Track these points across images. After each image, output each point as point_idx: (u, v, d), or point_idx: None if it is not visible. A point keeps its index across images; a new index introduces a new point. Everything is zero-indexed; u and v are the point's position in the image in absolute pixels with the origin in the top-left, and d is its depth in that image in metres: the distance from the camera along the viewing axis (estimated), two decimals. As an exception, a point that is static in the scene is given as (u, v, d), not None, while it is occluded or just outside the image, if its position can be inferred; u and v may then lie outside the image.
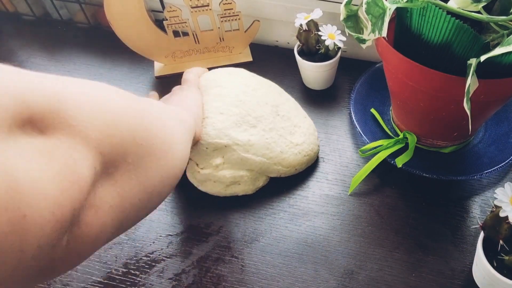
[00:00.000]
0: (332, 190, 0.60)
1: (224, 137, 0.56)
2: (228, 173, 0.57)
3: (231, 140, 0.56)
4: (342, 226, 0.57)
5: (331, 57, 0.67)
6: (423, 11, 0.43)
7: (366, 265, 0.53)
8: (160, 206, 0.59)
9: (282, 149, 0.58)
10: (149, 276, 0.53)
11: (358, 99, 0.67)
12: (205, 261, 0.54)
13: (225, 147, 0.56)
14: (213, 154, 0.57)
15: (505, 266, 0.45)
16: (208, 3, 0.68)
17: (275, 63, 0.77)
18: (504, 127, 0.63)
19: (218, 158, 0.57)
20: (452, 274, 0.52)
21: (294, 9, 0.72)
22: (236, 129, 0.56)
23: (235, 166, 0.57)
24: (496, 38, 0.44)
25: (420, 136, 0.60)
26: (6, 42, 0.83)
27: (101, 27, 0.85)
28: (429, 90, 0.48)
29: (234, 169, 0.57)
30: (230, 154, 0.56)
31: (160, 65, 0.77)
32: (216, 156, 0.57)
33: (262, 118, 0.58)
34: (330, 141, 0.66)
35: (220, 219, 0.58)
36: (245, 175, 0.57)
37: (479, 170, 0.58)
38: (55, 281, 0.53)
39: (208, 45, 0.75)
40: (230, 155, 0.56)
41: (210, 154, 0.57)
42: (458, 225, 0.56)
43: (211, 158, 0.57)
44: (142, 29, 0.70)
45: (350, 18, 0.52)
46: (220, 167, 0.57)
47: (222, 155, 0.56)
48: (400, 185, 0.60)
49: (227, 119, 0.57)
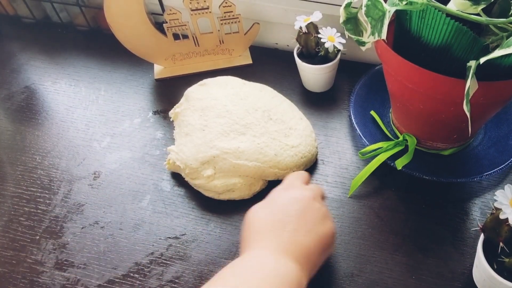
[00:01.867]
0: (331, 192, 0.60)
1: (210, 149, 0.57)
2: (220, 183, 0.57)
3: (219, 150, 0.57)
4: (342, 228, 0.57)
5: (331, 59, 0.67)
6: (422, 14, 0.43)
7: (366, 268, 0.53)
8: (159, 209, 0.59)
9: (277, 152, 0.58)
10: (148, 279, 0.53)
11: (358, 101, 0.67)
12: (205, 264, 0.54)
13: (214, 158, 0.57)
14: (203, 167, 0.57)
15: (505, 268, 0.44)
16: (208, 6, 0.68)
17: (275, 65, 0.77)
18: (504, 129, 0.63)
19: (209, 169, 0.57)
20: (452, 277, 0.52)
21: (293, 11, 0.73)
22: (222, 138, 0.58)
23: (228, 173, 0.57)
24: (495, 40, 0.44)
25: (420, 138, 0.60)
26: (6, 45, 0.83)
27: (101, 30, 0.85)
28: (428, 93, 0.48)
29: (226, 177, 0.57)
30: (222, 163, 0.57)
31: (160, 67, 0.77)
32: (207, 168, 0.57)
33: (252, 124, 0.59)
34: (329, 144, 0.66)
35: (220, 222, 0.58)
36: (238, 182, 0.58)
37: (479, 172, 0.58)
38: (54, 283, 0.53)
39: (208, 48, 0.75)
40: (222, 164, 0.57)
41: (200, 167, 0.57)
42: (458, 227, 0.56)
43: (202, 170, 0.57)
44: (142, 32, 0.70)
45: (349, 21, 0.52)
46: (211, 177, 0.57)
47: (213, 165, 0.57)
48: (400, 187, 0.60)
49: (209, 133, 0.58)
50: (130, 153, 0.66)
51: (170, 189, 0.62)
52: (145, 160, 0.65)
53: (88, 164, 0.65)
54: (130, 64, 0.78)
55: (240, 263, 0.39)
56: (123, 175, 0.63)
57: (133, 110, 0.72)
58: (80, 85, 0.76)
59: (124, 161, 0.65)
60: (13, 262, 0.56)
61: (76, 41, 0.84)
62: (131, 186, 0.62)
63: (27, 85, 0.76)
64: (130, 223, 0.58)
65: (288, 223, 0.42)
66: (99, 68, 0.79)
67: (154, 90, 0.75)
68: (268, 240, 0.41)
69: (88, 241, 0.57)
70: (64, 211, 0.60)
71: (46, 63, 0.80)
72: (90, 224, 0.59)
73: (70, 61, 0.80)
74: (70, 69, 0.79)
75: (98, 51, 0.81)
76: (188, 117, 0.61)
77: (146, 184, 0.62)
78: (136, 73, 0.77)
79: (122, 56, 0.77)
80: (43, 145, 0.68)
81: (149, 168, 0.64)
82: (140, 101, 0.73)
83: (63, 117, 0.72)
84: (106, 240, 0.57)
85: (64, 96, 0.75)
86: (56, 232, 0.58)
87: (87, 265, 0.55)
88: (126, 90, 0.75)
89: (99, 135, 0.69)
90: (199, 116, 0.60)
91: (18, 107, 0.73)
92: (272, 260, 0.39)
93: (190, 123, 0.60)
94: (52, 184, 0.63)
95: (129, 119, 0.70)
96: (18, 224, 0.59)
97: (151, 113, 0.71)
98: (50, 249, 0.56)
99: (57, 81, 0.77)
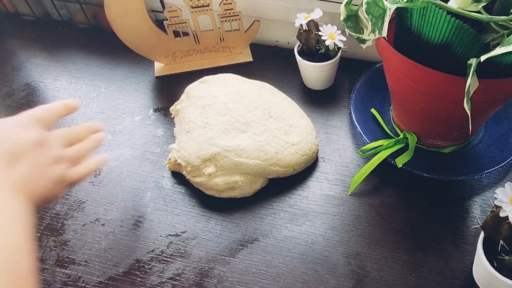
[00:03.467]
0: (332, 190, 0.60)
1: (211, 147, 0.57)
2: (221, 181, 0.57)
3: (220, 147, 0.57)
4: (342, 226, 0.57)
5: (331, 57, 0.67)
6: (423, 11, 0.43)
7: (366, 265, 0.53)
8: (160, 207, 0.59)
9: (277, 149, 0.58)
10: (149, 276, 0.53)
11: (358, 99, 0.67)
12: (205, 261, 0.54)
13: (215, 156, 0.57)
14: (204, 164, 0.57)
15: (505, 266, 0.45)
16: (208, 3, 0.68)
17: (275, 63, 0.77)
18: (504, 127, 0.63)
19: (211, 167, 0.57)
20: (452, 274, 0.52)
21: (294, 9, 0.73)
22: (224, 136, 0.58)
23: (229, 171, 0.57)
24: (496, 38, 0.44)
25: (420, 136, 0.60)
26: (7, 42, 0.83)
27: (101, 27, 0.85)
28: (429, 90, 0.48)
29: (228, 175, 0.57)
30: (223, 161, 0.57)
31: (160, 65, 0.77)
32: (209, 165, 0.57)
33: (253, 122, 0.59)
34: (330, 141, 0.66)
35: (221, 219, 0.58)
36: (240, 180, 0.58)
37: (479, 170, 0.58)
38: (55, 280, 0.53)
39: (208, 45, 0.75)
40: (223, 161, 0.57)
41: (202, 164, 0.57)
42: (458, 225, 0.56)
43: (204, 168, 0.57)
44: (142, 29, 0.70)
45: (350, 18, 0.52)
46: (212, 175, 0.57)
47: (214, 163, 0.57)
48: (400, 185, 0.60)
49: (211, 130, 0.58)
50: (130, 150, 0.66)
51: (171, 186, 0.62)
52: (146, 157, 0.65)
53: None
54: (131, 61, 0.78)
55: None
56: (123, 172, 0.63)
57: (134, 107, 0.72)
58: (81, 83, 0.76)
59: (125, 159, 0.65)
60: (14, 259, 0.56)
61: (76, 38, 0.84)
62: (131, 184, 0.62)
63: (28, 83, 0.76)
64: (131, 221, 0.58)
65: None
66: (100, 65, 0.79)
67: (155, 88, 0.75)
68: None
69: (89, 238, 0.57)
70: (65, 208, 0.60)
71: (46, 61, 0.80)
72: (91, 221, 0.59)
73: (71, 59, 0.80)
74: (71, 67, 0.79)
75: (99, 49, 0.81)
76: (189, 114, 0.61)
77: (147, 182, 0.62)
78: (136, 70, 0.77)
79: (123, 53, 0.77)
80: (43, 143, 0.68)
81: (149, 166, 0.64)
82: (141, 98, 0.73)
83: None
84: (107, 237, 0.57)
85: (65, 94, 0.75)
86: (57, 229, 0.58)
87: (88, 262, 0.55)
88: (127, 88, 0.75)
89: (99, 133, 0.69)
90: (200, 113, 0.60)
91: (18, 104, 0.73)
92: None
93: (191, 120, 0.60)
94: (53, 182, 0.63)
95: (129, 116, 0.71)
96: (19, 221, 0.59)
97: (152, 110, 0.71)
98: (51, 246, 0.57)
99: (57, 78, 0.77)
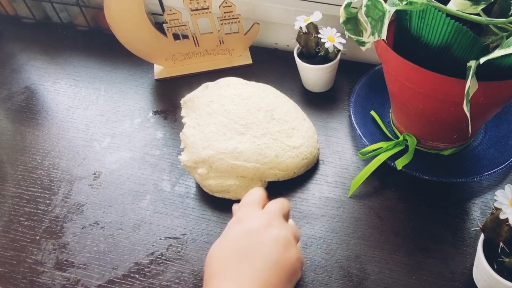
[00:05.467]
0: (332, 192, 0.60)
1: (202, 150, 0.57)
2: (214, 183, 0.57)
3: (214, 150, 0.56)
4: (342, 228, 0.57)
5: (331, 59, 0.67)
6: (422, 14, 0.43)
7: (366, 268, 0.53)
8: (159, 209, 0.59)
9: (277, 153, 0.58)
10: (148, 279, 0.53)
11: (358, 101, 0.67)
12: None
13: (209, 158, 0.56)
14: (197, 165, 0.57)
15: (505, 268, 0.44)
16: (208, 6, 0.68)
17: (275, 65, 0.77)
18: (504, 129, 0.63)
19: (203, 168, 0.57)
20: (452, 277, 0.52)
21: (293, 11, 0.73)
22: (218, 138, 0.57)
23: (225, 174, 0.57)
24: (495, 40, 0.44)
25: (420, 138, 0.60)
26: (6, 45, 0.83)
27: (101, 30, 0.85)
28: (428, 92, 0.48)
29: (222, 178, 0.57)
30: (218, 163, 0.56)
31: (160, 68, 0.77)
32: (201, 166, 0.57)
33: (253, 124, 0.58)
34: (330, 144, 0.66)
35: (221, 222, 0.58)
36: (234, 183, 0.57)
37: (479, 172, 0.58)
38: (54, 283, 0.53)
39: (208, 48, 0.75)
40: (218, 164, 0.56)
41: (193, 166, 0.58)
42: (458, 227, 0.56)
43: (196, 168, 0.58)
44: (142, 32, 0.70)
45: (349, 21, 0.52)
46: (204, 176, 0.57)
47: (208, 165, 0.57)
48: (400, 187, 0.60)
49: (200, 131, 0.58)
50: (130, 153, 0.66)
51: (170, 189, 0.62)
52: (145, 160, 0.65)
53: (88, 164, 0.65)
54: (130, 64, 0.78)
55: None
56: (123, 175, 0.63)
57: (133, 110, 0.72)
58: (80, 85, 0.76)
59: (124, 161, 0.65)
60: (13, 262, 0.56)
61: (76, 41, 0.84)
62: (131, 186, 0.62)
63: (27, 85, 0.76)
64: (130, 223, 0.58)
65: (244, 259, 0.39)
66: (99, 68, 0.79)
67: (154, 90, 0.75)
68: (225, 280, 0.39)
69: (88, 241, 0.57)
70: (64, 211, 0.60)
71: (46, 63, 0.80)
72: (90, 224, 0.59)
73: (70, 61, 0.80)
74: (70, 69, 0.79)
75: (98, 51, 0.81)
76: (189, 116, 0.62)
77: (146, 184, 0.62)
78: (136, 73, 0.77)
79: (122, 56, 0.77)
80: (43, 145, 0.68)
81: (149, 168, 0.64)
82: (140, 101, 0.73)
83: (63, 117, 0.72)
84: (106, 240, 0.57)
85: (64, 96, 0.75)
86: (56, 232, 0.58)
87: (87, 265, 0.55)
88: (126, 90, 0.75)
89: (99, 135, 0.69)
90: (198, 115, 0.60)
91: (18, 107, 0.73)
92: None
93: (186, 121, 0.61)
94: (52, 184, 0.63)
95: (129, 119, 0.71)
96: (18, 224, 0.59)
97: (151, 113, 0.71)
98: (50, 249, 0.56)
99: (57, 81, 0.77)
